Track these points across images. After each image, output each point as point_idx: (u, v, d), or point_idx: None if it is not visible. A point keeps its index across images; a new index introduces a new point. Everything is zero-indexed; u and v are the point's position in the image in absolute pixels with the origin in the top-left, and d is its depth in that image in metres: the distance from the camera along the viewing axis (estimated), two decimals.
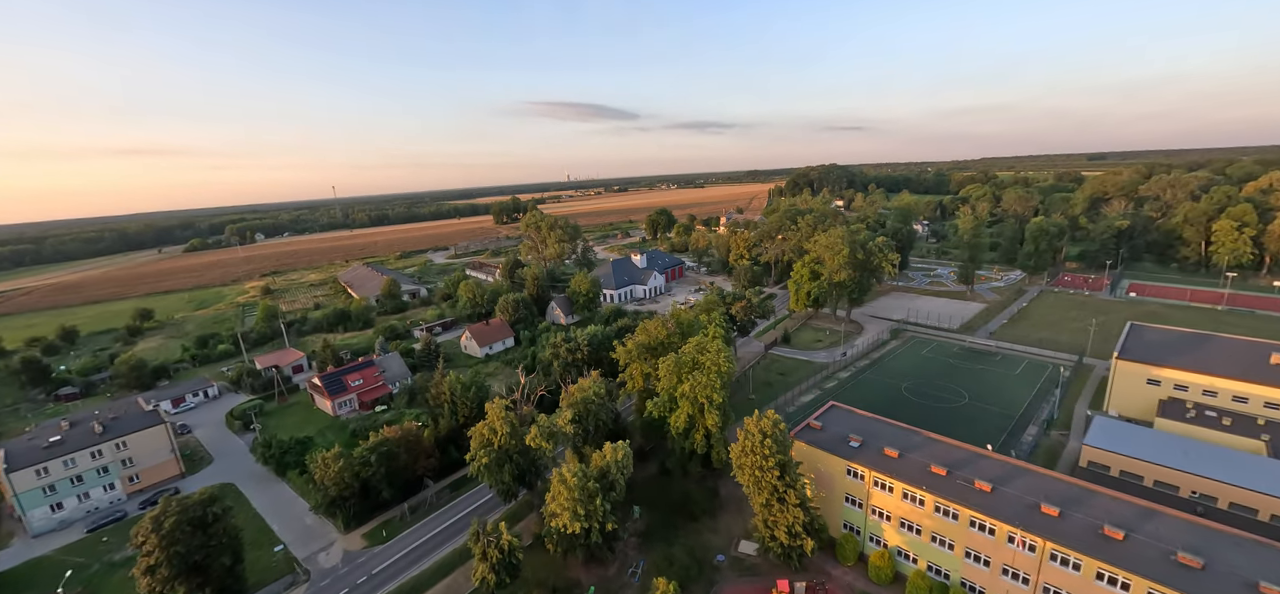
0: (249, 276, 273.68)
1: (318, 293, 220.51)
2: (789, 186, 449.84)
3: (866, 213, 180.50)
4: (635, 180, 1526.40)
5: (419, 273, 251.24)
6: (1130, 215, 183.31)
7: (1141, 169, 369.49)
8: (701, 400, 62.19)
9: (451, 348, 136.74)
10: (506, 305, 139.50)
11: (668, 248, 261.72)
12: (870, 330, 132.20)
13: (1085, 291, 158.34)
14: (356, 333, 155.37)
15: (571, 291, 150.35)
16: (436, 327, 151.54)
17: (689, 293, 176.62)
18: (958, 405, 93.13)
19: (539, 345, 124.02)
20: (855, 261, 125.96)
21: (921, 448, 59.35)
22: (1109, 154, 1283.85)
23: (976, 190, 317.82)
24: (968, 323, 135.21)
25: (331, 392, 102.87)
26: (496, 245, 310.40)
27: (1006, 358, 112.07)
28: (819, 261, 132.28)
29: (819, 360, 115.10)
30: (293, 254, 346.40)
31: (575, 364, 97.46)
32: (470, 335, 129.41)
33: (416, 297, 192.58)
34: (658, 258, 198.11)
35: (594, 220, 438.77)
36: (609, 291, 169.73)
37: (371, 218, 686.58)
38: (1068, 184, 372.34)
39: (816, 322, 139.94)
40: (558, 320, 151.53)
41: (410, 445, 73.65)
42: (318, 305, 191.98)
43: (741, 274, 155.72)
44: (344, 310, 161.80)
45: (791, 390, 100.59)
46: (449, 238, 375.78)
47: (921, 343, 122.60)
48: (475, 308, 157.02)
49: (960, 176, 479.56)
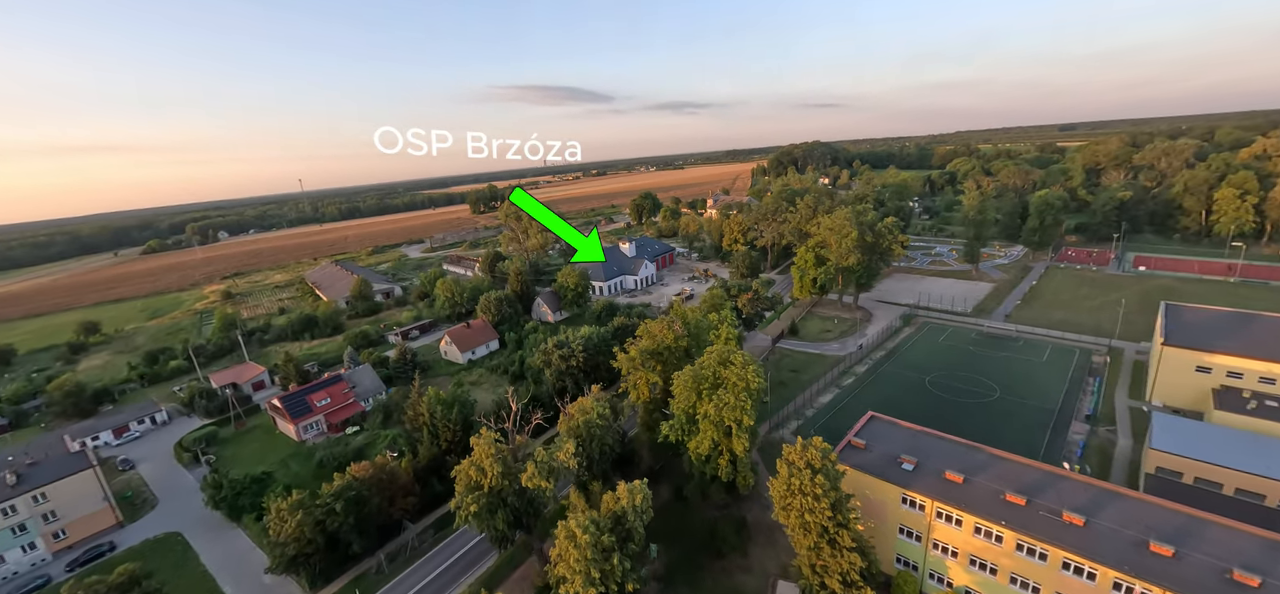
0: (209, 280, 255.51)
1: (283, 296, 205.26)
2: (773, 165, 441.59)
3: (864, 191, 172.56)
4: (613, 163, 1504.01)
5: (393, 269, 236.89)
6: (1130, 185, 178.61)
7: (1125, 138, 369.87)
8: (729, 423, 52.76)
9: (431, 353, 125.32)
10: (489, 304, 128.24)
11: (655, 233, 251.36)
12: (880, 317, 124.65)
13: (1092, 267, 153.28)
14: (325, 341, 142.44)
15: (558, 286, 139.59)
16: (413, 330, 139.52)
17: (683, 281, 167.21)
18: (989, 399, 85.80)
19: (527, 348, 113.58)
20: (864, 244, 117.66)
21: (987, 468, 51.07)
22: (1079, 124, 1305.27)
23: (965, 164, 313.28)
24: (980, 305, 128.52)
25: (294, 414, 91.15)
26: (475, 236, 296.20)
27: (1029, 343, 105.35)
28: (823, 245, 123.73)
29: (832, 353, 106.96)
30: (256, 253, 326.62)
31: (570, 373, 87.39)
32: (450, 340, 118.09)
33: (390, 296, 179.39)
34: (647, 245, 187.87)
35: (575, 206, 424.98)
36: (598, 284, 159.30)
37: (342, 211, 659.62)
38: (1051, 156, 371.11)
39: (822, 309, 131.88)
40: (545, 318, 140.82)
41: (384, 484, 63.08)
42: (283, 310, 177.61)
43: (739, 261, 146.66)
44: (310, 315, 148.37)
45: (807, 390, 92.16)
46: (424, 230, 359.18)
47: (936, 329, 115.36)
48: (454, 308, 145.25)
49: (943, 150, 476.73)
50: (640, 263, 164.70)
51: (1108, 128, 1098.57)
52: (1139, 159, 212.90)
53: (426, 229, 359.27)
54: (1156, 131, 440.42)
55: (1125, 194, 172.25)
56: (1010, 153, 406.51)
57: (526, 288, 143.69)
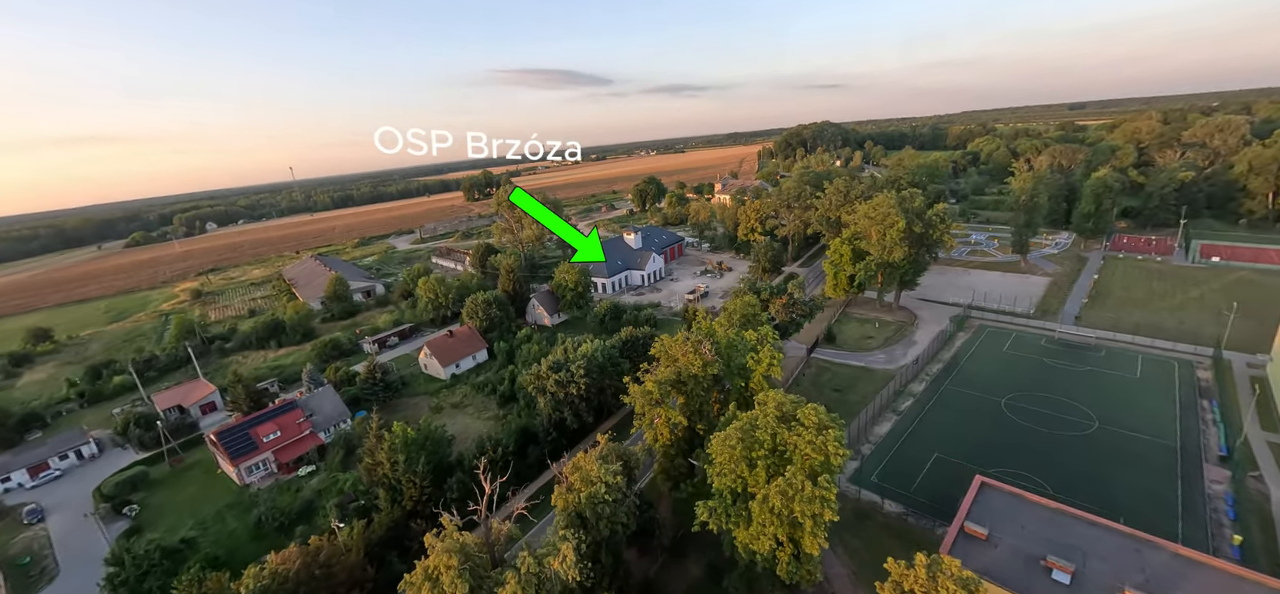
0: (183, 276, 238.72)
1: (257, 295, 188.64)
2: (781, 147, 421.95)
3: (897, 173, 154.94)
4: (613, 147, 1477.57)
5: (379, 263, 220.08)
6: (1189, 165, 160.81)
7: (1153, 115, 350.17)
8: (805, 518, 36.24)
9: (410, 365, 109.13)
10: (476, 308, 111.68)
11: (660, 221, 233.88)
12: (926, 319, 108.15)
13: (1156, 258, 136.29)
14: (293, 349, 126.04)
15: (556, 285, 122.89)
16: (391, 336, 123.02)
17: (695, 276, 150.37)
18: (1087, 431, 69.59)
19: (519, 360, 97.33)
20: (911, 235, 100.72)
21: (1175, 578, 34.90)
22: (1088, 103, 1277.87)
23: (988, 144, 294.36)
24: (1040, 304, 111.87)
25: (234, 453, 75.09)
26: (468, 226, 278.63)
27: (1113, 353, 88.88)
28: (861, 237, 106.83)
29: (879, 366, 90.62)
30: (236, 247, 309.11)
31: (569, 402, 71.16)
32: (430, 352, 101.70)
33: (371, 296, 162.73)
34: (654, 235, 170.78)
35: (575, 192, 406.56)
36: (600, 281, 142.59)
37: (334, 200, 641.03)
38: (1073, 134, 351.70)
39: (857, 309, 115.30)
40: (541, 321, 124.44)
41: (324, 575, 47.05)
42: (253, 312, 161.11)
43: (760, 253, 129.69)
44: (277, 320, 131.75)
45: (858, 417, 75.88)
46: (416, 219, 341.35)
47: (997, 335, 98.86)
48: (439, 310, 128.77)
49: (957, 130, 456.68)
50: (647, 256, 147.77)
51: (1118, 107, 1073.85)
52: (1189, 136, 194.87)
53: (419, 218, 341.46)
54: (1174, 108, 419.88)
55: (1186, 175, 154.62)
56: (1028, 131, 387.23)
57: (520, 287, 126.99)
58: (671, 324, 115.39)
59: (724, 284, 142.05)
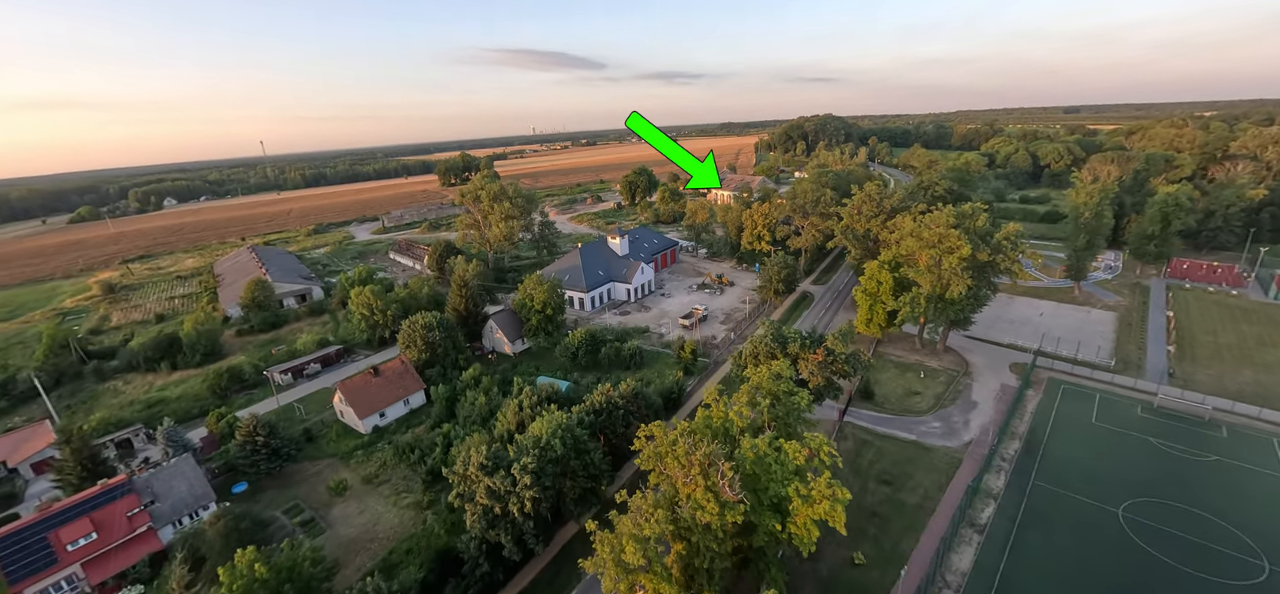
0: (107, 263, 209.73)
1: (181, 292, 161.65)
2: (780, 139, 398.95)
3: (927, 178, 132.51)
4: (604, 133, 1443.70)
5: (329, 257, 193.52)
6: (1264, 183, 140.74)
7: (1177, 122, 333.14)
8: None
9: (324, 402, 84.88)
10: (414, 334, 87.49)
11: (651, 218, 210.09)
12: (980, 366, 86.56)
13: (1231, 291, 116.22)
14: (192, 374, 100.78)
15: (520, 302, 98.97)
16: (310, 363, 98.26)
17: (690, 290, 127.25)
18: (1257, 581, 48.20)
19: (459, 414, 73.98)
20: (975, 264, 78.54)
21: None
22: (1083, 107, 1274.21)
23: (1006, 145, 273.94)
24: (1117, 350, 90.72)
25: (16, 574, 50.76)
26: (438, 214, 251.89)
27: (1237, 434, 67.81)
28: (906, 260, 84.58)
29: (935, 440, 68.65)
30: (177, 229, 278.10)
31: (508, 523, 47.76)
32: (345, 397, 77.53)
33: (306, 300, 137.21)
34: (643, 239, 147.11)
35: (560, 180, 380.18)
36: (577, 295, 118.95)
37: (307, 178, 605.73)
38: (1087, 138, 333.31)
39: (893, 348, 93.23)
40: (500, 348, 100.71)
41: None
42: (159, 317, 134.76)
43: (774, 273, 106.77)
44: (172, 336, 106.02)
45: (921, 537, 53.78)
46: (386, 204, 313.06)
47: (1077, 397, 77.46)
48: (375, 330, 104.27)
49: (963, 129, 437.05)
50: (635, 267, 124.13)
51: (1114, 111, 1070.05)
52: (1238, 147, 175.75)
53: (387, 203, 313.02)
54: (1175, 115, 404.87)
55: (1257, 192, 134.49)
56: (1039, 133, 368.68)
57: (474, 305, 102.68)
58: (663, 359, 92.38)
59: (725, 302, 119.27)
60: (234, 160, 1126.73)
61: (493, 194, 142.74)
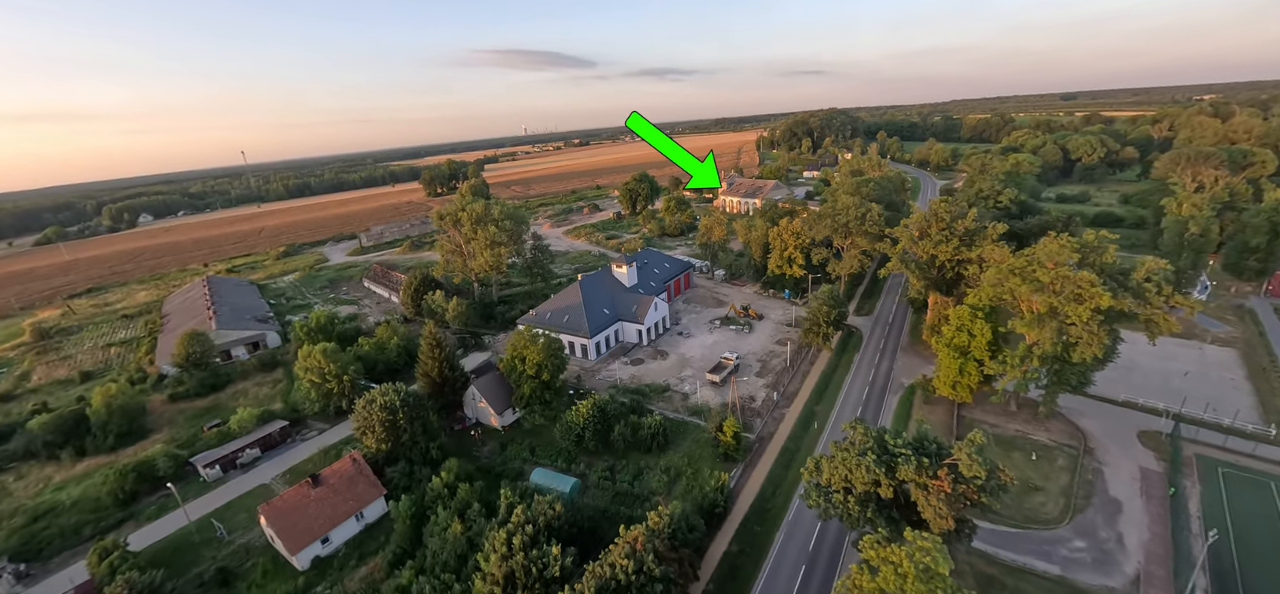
0: (52, 298, 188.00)
1: (118, 340, 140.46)
2: (784, 135, 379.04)
3: (984, 185, 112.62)
4: (597, 132, 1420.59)
5: (300, 283, 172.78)
6: None
7: (1194, 107, 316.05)
8: None
9: (250, 505, 64.68)
10: (371, 418, 67.32)
11: (656, 231, 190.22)
12: (1101, 438, 67.38)
13: None
14: (103, 462, 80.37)
15: (508, 363, 78.79)
16: (246, 448, 77.79)
17: (713, 327, 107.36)
18: None
19: (427, 540, 54.48)
20: (1108, 314, 59.14)
21: None
22: (1079, 93, 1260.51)
23: (1032, 138, 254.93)
24: (1263, 404, 71.66)
25: None
26: (422, 230, 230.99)
27: None
28: (1000, 305, 65.25)
29: (1091, 579, 49.25)
30: (137, 254, 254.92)
31: None
32: (270, 523, 57.40)
33: (259, 349, 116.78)
34: (653, 263, 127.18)
35: (553, 186, 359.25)
36: (578, 341, 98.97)
37: (290, 188, 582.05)
38: (1104, 127, 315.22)
39: (980, 414, 73.68)
40: (485, 419, 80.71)
41: None
42: (86, 375, 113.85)
43: (820, 309, 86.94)
44: (79, 413, 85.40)
45: None
46: (366, 217, 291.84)
47: (1246, 482, 58.70)
48: (328, 398, 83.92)
49: (973, 119, 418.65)
50: (647, 302, 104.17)
51: (1110, 97, 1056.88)
52: None
53: (371, 217, 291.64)
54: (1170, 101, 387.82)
55: None
56: (1050, 124, 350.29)
57: (453, 368, 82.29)
58: (691, 433, 72.56)
59: (757, 343, 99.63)
60: (219, 170, 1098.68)
61: (475, 216, 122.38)
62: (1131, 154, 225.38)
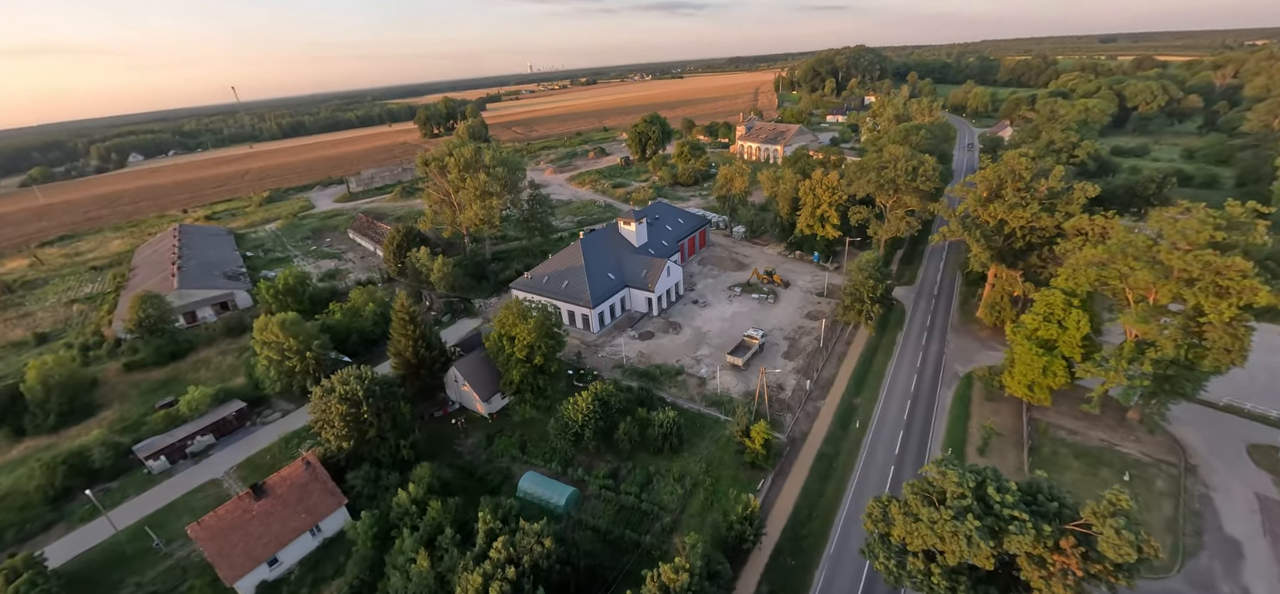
0: (21, 247, 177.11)
1: (84, 295, 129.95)
2: (806, 76, 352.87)
3: (1050, 134, 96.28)
4: (604, 70, 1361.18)
5: (283, 232, 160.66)
6: None
7: (1262, 51, 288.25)
8: None
9: (207, 504, 55.06)
10: (330, 412, 56.46)
11: (667, 179, 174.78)
12: (1205, 453, 55.74)
13: None
14: (42, 444, 71.03)
15: (494, 343, 66.97)
16: (197, 435, 67.73)
17: (733, 296, 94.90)
18: None
19: (391, 563, 44.61)
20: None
21: None
22: (1120, 35, 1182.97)
23: (1084, 83, 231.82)
24: None
25: None
26: (413, 177, 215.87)
27: None
28: (1102, 289, 52.24)
29: None
30: (114, 200, 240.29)
31: None
32: (205, 540, 47.45)
33: (228, 310, 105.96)
34: (665, 218, 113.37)
35: (557, 127, 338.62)
36: (579, 311, 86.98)
37: (284, 127, 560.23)
38: (1158, 72, 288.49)
39: (1057, 418, 61.71)
40: (469, 405, 69.97)
41: None
42: (42, 337, 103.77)
43: (864, 285, 74.09)
44: (13, 389, 75.42)
45: None
46: (358, 159, 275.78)
47: None
48: (291, 377, 73.15)
49: (1011, 61, 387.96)
50: (659, 266, 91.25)
51: (1152, 40, 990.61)
52: None
53: (363, 159, 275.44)
54: (1219, 41, 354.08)
55: None
56: (1098, 67, 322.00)
57: (431, 348, 70.84)
58: (709, 430, 61.53)
59: (782, 317, 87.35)
60: (213, 108, 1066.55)
61: (463, 162, 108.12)
62: (1195, 102, 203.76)
